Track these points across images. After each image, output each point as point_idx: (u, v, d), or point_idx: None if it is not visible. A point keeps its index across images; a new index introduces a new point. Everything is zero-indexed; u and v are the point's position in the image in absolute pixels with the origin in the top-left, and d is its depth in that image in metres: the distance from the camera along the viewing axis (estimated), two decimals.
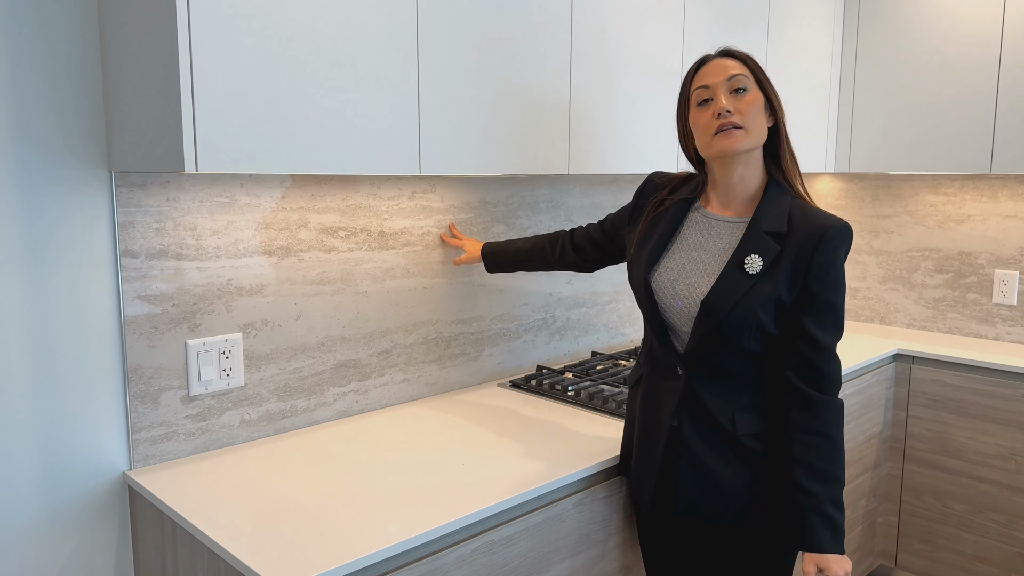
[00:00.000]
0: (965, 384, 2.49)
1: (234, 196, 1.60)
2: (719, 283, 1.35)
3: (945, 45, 2.57)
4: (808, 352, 1.32)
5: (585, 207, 2.34)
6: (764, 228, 1.35)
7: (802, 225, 1.33)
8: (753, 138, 1.36)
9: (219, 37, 1.22)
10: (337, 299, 1.78)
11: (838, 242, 1.32)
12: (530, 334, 2.23)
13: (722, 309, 1.34)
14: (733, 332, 1.33)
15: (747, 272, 1.33)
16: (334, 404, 1.81)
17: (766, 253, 1.33)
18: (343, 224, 1.78)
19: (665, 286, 1.43)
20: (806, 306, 1.32)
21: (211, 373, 1.59)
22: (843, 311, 1.34)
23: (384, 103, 1.45)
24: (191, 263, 1.55)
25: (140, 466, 1.53)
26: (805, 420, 1.32)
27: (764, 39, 2.40)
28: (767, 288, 1.32)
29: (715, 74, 1.38)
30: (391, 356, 1.90)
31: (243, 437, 1.67)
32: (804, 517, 1.31)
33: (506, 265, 1.88)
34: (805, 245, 1.31)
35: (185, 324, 1.56)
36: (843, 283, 1.34)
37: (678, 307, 1.40)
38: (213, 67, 1.22)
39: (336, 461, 1.56)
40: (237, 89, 1.25)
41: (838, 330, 1.34)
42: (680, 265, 1.43)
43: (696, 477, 1.41)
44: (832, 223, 1.32)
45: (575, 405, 1.92)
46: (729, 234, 1.40)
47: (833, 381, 1.33)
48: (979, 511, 2.49)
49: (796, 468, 1.32)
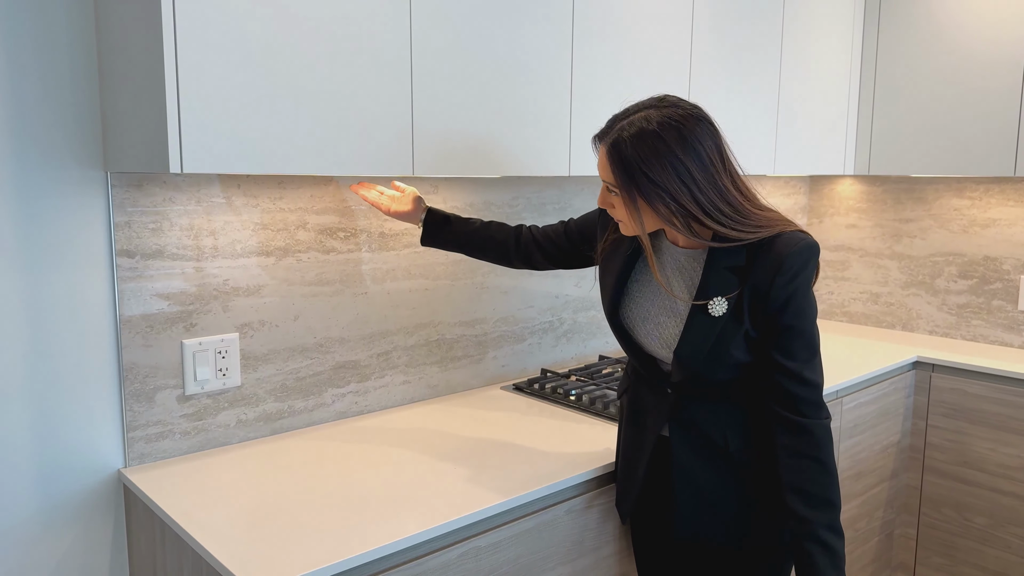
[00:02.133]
0: (987, 394, 2.41)
1: (231, 197, 1.60)
2: (687, 332, 1.30)
3: (969, 43, 2.49)
4: (782, 380, 1.26)
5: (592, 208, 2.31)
6: (723, 263, 1.27)
7: (762, 256, 1.23)
8: (638, 231, 1.26)
9: (205, 36, 1.22)
10: (336, 300, 1.78)
11: (799, 267, 1.22)
12: (535, 337, 2.21)
13: (695, 358, 1.29)
14: (710, 372, 1.30)
15: (712, 315, 1.27)
16: (332, 405, 1.80)
17: (728, 291, 1.26)
18: (342, 225, 1.77)
19: (635, 324, 1.39)
20: (772, 337, 1.26)
21: (207, 373, 1.60)
22: (814, 332, 1.26)
23: (375, 103, 1.44)
24: (187, 263, 1.56)
25: (135, 464, 1.54)
26: (792, 444, 1.26)
27: (779, 36, 2.35)
28: (735, 326, 1.26)
29: (600, 169, 1.28)
30: (391, 358, 1.89)
31: (239, 437, 1.67)
32: (801, 545, 1.25)
33: (449, 243, 1.66)
34: (762, 278, 1.23)
35: (181, 324, 1.57)
36: (810, 307, 1.25)
37: (652, 345, 1.37)
38: (199, 66, 1.22)
39: (331, 462, 1.55)
40: (224, 89, 1.25)
41: (811, 353, 1.26)
42: (649, 301, 1.37)
43: (692, 497, 1.37)
44: (789, 250, 1.21)
45: (576, 410, 1.89)
46: (691, 268, 1.33)
47: (813, 405, 1.26)
48: (1000, 525, 2.42)
49: (788, 494, 1.26)
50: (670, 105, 1.23)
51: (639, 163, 1.19)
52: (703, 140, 1.21)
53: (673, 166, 1.19)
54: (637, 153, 1.19)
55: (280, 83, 1.31)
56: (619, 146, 1.21)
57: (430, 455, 1.59)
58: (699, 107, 1.24)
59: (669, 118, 1.20)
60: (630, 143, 1.20)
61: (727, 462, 1.34)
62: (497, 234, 1.64)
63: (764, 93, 2.33)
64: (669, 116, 1.20)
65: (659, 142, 1.19)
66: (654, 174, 1.19)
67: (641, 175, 1.20)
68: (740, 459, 1.34)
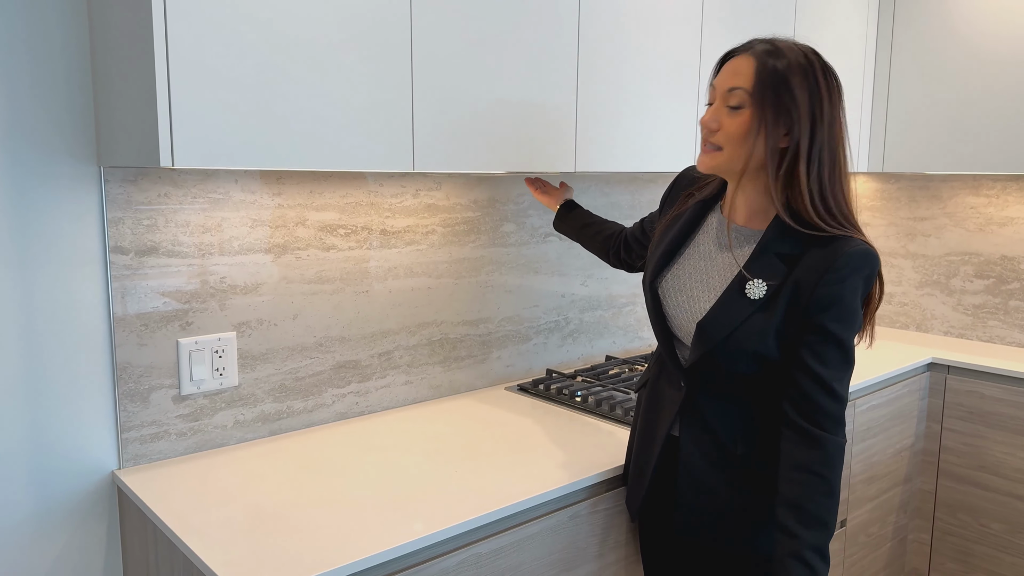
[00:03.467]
0: (1004, 396, 2.35)
1: (228, 192, 1.56)
2: (718, 306, 1.24)
3: (987, 38, 2.43)
4: (807, 386, 1.18)
5: (602, 207, 2.26)
6: (774, 248, 1.21)
7: (817, 249, 1.18)
8: (730, 162, 1.21)
9: (197, 25, 1.18)
10: (336, 299, 1.74)
11: (849, 270, 1.15)
12: (541, 337, 2.17)
13: (717, 335, 1.23)
14: (729, 359, 1.24)
15: (748, 297, 1.21)
16: (333, 406, 1.77)
17: (772, 277, 1.19)
18: (343, 222, 1.74)
19: (670, 295, 1.34)
20: (807, 336, 1.18)
21: (203, 372, 1.56)
22: (852, 345, 1.19)
23: (374, 96, 1.40)
24: (183, 260, 1.52)
25: (129, 465, 1.50)
26: (798, 456, 1.18)
27: (791, 33, 2.29)
28: (767, 316, 1.19)
29: (723, 77, 1.22)
30: (393, 357, 1.86)
31: (237, 438, 1.63)
32: (783, 559, 1.17)
33: (570, 231, 1.81)
34: (812, 271, 1.16)
35: (177, 322, 1.53)
36: (854, 318, 1.18)
37: (679, 319, 1.32)
38: (191, 56, 1.18)
39: (329, 465, 1.51)
40: (217, 81, 1.21)
41: (845, 366, 1.18)
42: (687, 274, 1.33)
43: (696, 497, 1.33)
44: (848, 249, 1.15)
45: (583, 411, 1.85)
46: (740, 246, 1.27)
47: (833, 419, 1.18)
48: (1018, 531, 2.36)
49: (781, 506, 1.19)
50: (817, 52, 1.22)
51: (787, 77, 1.16)
52: (838, 87, 1.21)
53: (812, 100, 1.17)
54: (789, 69, 1.17)
55: (276, 74, 1.27)
56: (774, 55, 1.18)
57: (431, 458, 1.55)
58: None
59: (824, 62, 1.20)
60: (786, 57, 1.17)
61: (735, 465, 1.30)
62: (603, 232, 1.74)
63: None
64: (824, 62, 1.20)
65: (810, 68, 1.18)
66: (796, 95, 1.16)
67: (785, 90, 1.16)
68: (748, 463, 1.29)
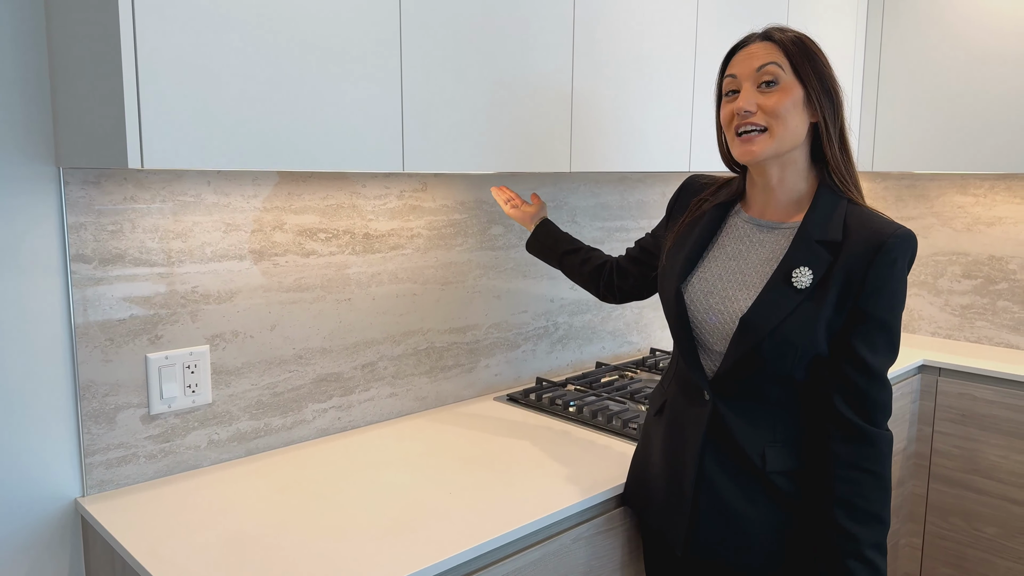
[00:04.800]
0: (996, 399, 2.32)
1: (200, 195, 1.45)
2: (762, 298, 1.18)
3: (976, 36, 2.40)
4: (857, 377, 1.15)
5: (591, 207, 2.18)
6: (815, 236, 1.17)
7: (859, 233, 1.15)
8: (779, 142, 1.18)
9: (168, 16, 1.07)
10: (317, 307, 1.63)
11: (899, 252, 1.14)
12: (530, 343, 2.08)
13: (764, 328, 1.16)
14: (775, 355, 1.17)
15: (795, 287, 1.16)
16: (313, 422, 1.66)
17: (817, 265, 1.16)
18: (323, 226, 1.63)
19: (698, 299, 1.26)
20: (858, 325, 1.15)
21: (175, 389, 1.45)
22: (899, 332, 1.18)
23: (361, 92, 1.29)
24: (152, 269, 1.40)
25: (94, 492, 1.38)
26: (850, 453, 1.15)
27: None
28: (817, 305, 1.15)
29: (744, 63, 1.20)
30: (377, 369, 1.75)
31: (211, 459, 1.52)
32: (842, 562, 1.15)
33: (553, 253, 1.65)
34: (861, 257, 1.14)
35: (145, 336, 1.41)
36: (901, 300, 1.16)
37: (712, 323, 1.24)
38: (161, 50, 1.07)
39: (310, 486, 1.41)
40: (189, 75, 1.10)
41: (892, 353, 1.17)
42: (716, 276, 1.26)
43: (717, 518, 1.25)
44: (892, 231, 1.14)
45: (577, 423, 1.76)
46: (774, 242, 1.23)
47: (883, 411, 1.16)
48: (1012, 535, 2.32)
49: (836, 507, 1.15)
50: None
51: (811, 48, 1.19)
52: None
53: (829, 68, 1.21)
54: (819, 51, 1.20)
55: (253, 68, 1.16)
56: (805, 39, 1.20)
57: (420, 478, 1.45)
58: None
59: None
60: (796, 32, 1.21)
61: (762, 483, 1.22)
62: (591, 261, 1.61)
63: None
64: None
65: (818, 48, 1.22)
66: (821, 64, 1.20)
67: (816, 59, 1.19)
68: (777, 482, 1.21)
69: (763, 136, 1.18)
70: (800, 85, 1.18)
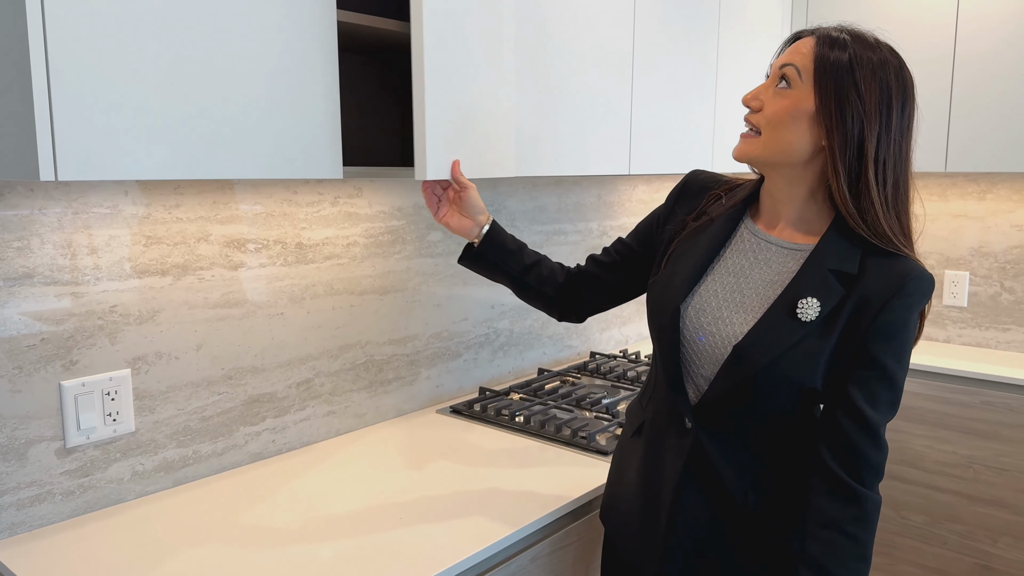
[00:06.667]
0: (922, 391, 2.39)
1: (117, 206, 1.33)
2: (761, 326, 1.06)
3: (897, 39, 2.47)
4: (850, 430, 1.02)
5: (529, 211, 2.14)
6: (829, 264, 1.04)
7: (877, 268, 1.03)
8: (767, 151, 1.07)
9: (80, 18, 0.96)
10: (247, 323, 1.53)
11: (918, 297, 1.02)
12: (471, 352, 2.02)
13: (759, 360, 1.04)
14: (769, 390, 1.05)
15: (799, 319, 1.03)
16: (246, 446, 1.55)
17: (827, 297, 1.03)
18: (253, 236, 1.52)
19: (689, 317, 1.13)
20: (859, 370, 1.03)
21: (93, 419, 1.32)
22: (902, 387, 1.05)
23: (294, 94, 1.20)
24: (65, 288, 1.28)
25: (4, 537, 1.25)
26: (829, 511, 1.02)
27: (715, 47, 2.24)
28: (822, 341, 1.03)
29: (785, 55, 1.08)
30: (313, 386, 1.66)
31: (136, 492, 1.40)
32: None
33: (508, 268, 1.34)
34: (877, 295, 1.01)
35: (58, 362, 1.28)
36: (909, 350, 1.04)
37: (701, 344, 1.11)
38: (74, 52, 0.95)
39: (245, 518, 1.31)
40: (106, 78, 0.99)
41: (892, 409, 1.04)
42: (713, 293, 1.13)
43: (693, 556, 1.14)
44: (913, 272, 1.02)
45: (525, 434, 1.71)
46: (780, 263, 1.10)
47: (875, 471, 1.03)
48: (938, 522, 2.41)
49: (803, 568, 1.02)
50: (897, 53, 1.07)
51: (853, 62, 1.02)
52: (911, 98, 1.05)
53: (882, 92, 1.02)
54: (855, 54, 1.02)
55: (175, 70, 1.06)
56: (837, 42, 1.04)
57: (360, 503, 1.37)
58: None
59: (895, 54, 1.06)
60: (851, 44, 1.03)
61: (740, 518, 1.11)
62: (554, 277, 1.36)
63: (701, 96, 2.21)
64: (896, 53, 1.06)
65: (880, 63, 1.03)
66: (862, 84, 1.02)
67: (848, 75, 1.02)
68: (755, 517, 1.11)
69: (754, 139, 1.09)
70: (815, 98, 1.04)
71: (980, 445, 2.32)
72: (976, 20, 2.31)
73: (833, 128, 1.02)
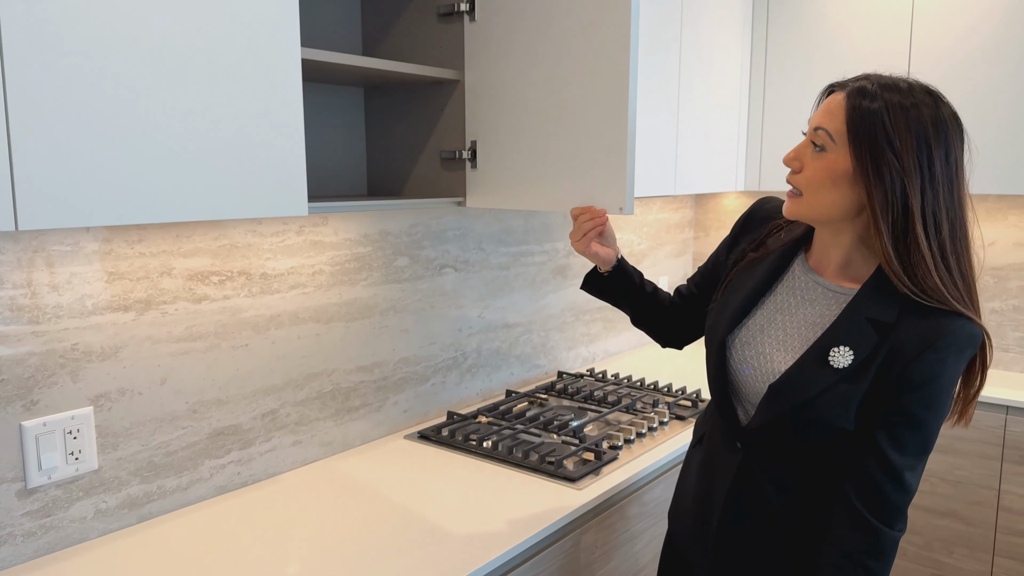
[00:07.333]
0: None
1: (79, 243, 1.32)
2: (795, 369, 1.09)
3: (853, 60, 2.52)
4: (875, 471, 1.04)
5: (496, 233, 2.15)
6: (866, 312, 1.05)
7: (914, 319, 1.03)
8: (811, 210, 1.09)
9: (37, 68, 0.95)
10: (211, 356, 1.52)
11: (952, 352, 1.01)
12: (439, 375, 2.02)
13: (792, 401, 1.08)
14: (802, 428, 1.09)
15: (832, 366, 1.06)
16: (211, 479, 1.54)
17: (861, 345, 1.05)
18: (216, 268, 1.52)
19: (737, 348, 1.19)
20: (887, 416, 1.04)
21: (55, 459, 1.31)
22: (935, 433, 1.05)
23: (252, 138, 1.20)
24: (25, 328, 1.26)
25: None
26: (848, 542, 1.06)
27: (676, 69, 2.27)
28: (855, 386, 1.05)
29: (816, 114, 1.09)
30: (278, 416, 1.65)
31: (99, 530, 1.38)
32: None
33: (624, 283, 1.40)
34: (909, 346, 1.02)
35: (19, 402, 1.27)
36: (944, 405, 1.04)
37: (746, 375, 1.16)
38: (33, 102, 0.95)
39: (209, 553, 1.30)
40: (65, 127, 0.98)
41: (922, 454, 1.05)
42: (759, 327, 1.18)
43: (741, 560, 1.19)
44: (951, 327, 1.01)
45: (493, 460, 1.72)
46: (825, 305, 1.13)
47: (896, 512, 1.05)
48: None
49: None
50: (932, 93, 1.04)
51: (885, 119, 1.00)
52: (955, 139, 1.02)
53: (919, 144, 1.00)
54: (887, 107, 1.00)
55: (133, 115, 1.05)
56: (867, 94, 1.02)
57: (333, 539, 1.37)
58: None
59: (931, 94, 1.03)
60: (881, 95, 1.01)
61: (783, 537, 1.16)
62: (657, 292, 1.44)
63: (664, 117, 2.25)
64: (931, 93, 1.03)
65: (915, 111, 1.00)
66: (896, 140, 0.99)
67: (881, 133, 1.00)
68: (799, 537, 1.15)
69: (798, 199, 1.10)
70: (852, 159, 1.03)
71: (937, 459, 2.38)
72: (927, 50, 2.37)
73: (872, 188, 1.01)
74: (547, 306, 2.38)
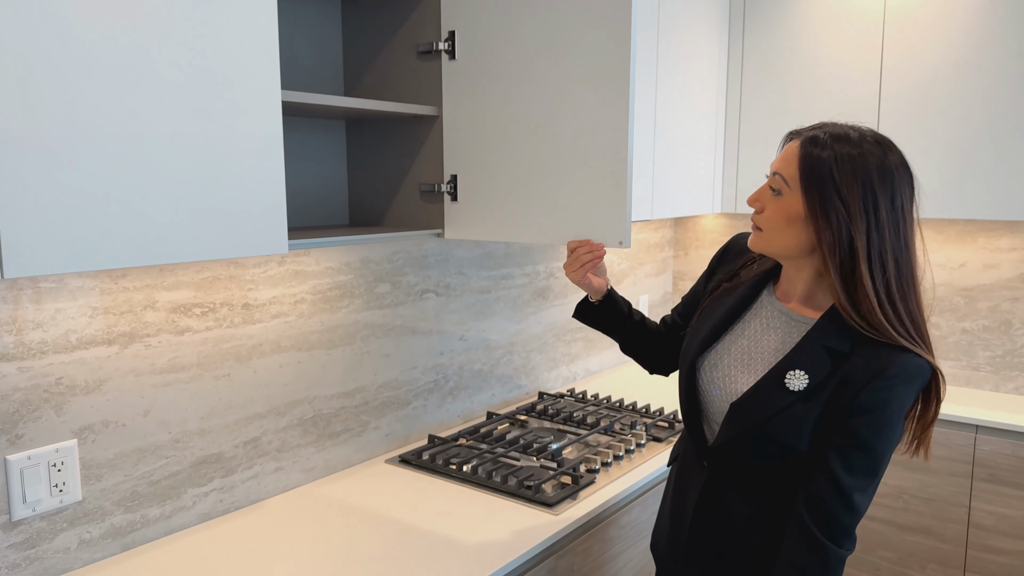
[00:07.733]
0: None
1: (62, 279, 1.34)
2: (754, 390, 1.18)
3: (826, 86, 2.58)
4: (826, 492, 1.11)
5: (476, 257, 2.19)
6: (823, 341, 1.13)
7: (867, 350, 1.10)
8: (770, 246, 1.18)
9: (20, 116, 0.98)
10: (193, 387, 1.55)
11: (901, 380, 1.08)
12: (420, 399, 2.06)
13: (749, 420, 1.17)
14: (759, 446, 1.17)
15: (787, 387, 1.14)
16: (194, 507, 1.57)
17: (816, 371, 1.12)
18: (199, 300, 1.55)
19: (706, 370, 1.28)
20: (838, 439, 1.11)
21: (39, 492, 1.33)
22: (885, 457, 1.11)
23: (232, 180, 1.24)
24: (9, 364, 1.29)
25: None
26: (795, 555, 1.13)
27: (653, 97, 2.32)
28: (807, 409, 1.13)
29: (776, 161, 1.18)
30: (260, 444, 1.68)
31: (83, 560, 1.41)
32: None
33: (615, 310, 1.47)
34: (860, 373, 1.09)
35: (3, 437, 1.29)
36: (893, 432, 1.10)
37: (714, 395, 1.25)
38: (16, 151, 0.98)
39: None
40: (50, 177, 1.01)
41: (871, 477, 1.10)
42: (726, 350, 1.27)
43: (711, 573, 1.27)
44: (899, 358, 1.08)
45: (472, 485, 1.76)
46: (787, 331, 1.21)
47: (844, 530, 1.11)
48: (870, 550, 2.51)
49: None
50: (881, 142, 1.12)
51: (833, 167, 1.09)
52: (902, 186, 1.10)
53: (865, 191, 1.08)
54: (835, 156, 1.09)
55: (115, 160, 1.09)
56: (818, 143, 1.11)
57: (308, 559, 1.40)
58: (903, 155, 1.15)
59: (879, 144, 1.11)
60: (831, 145, 1.11)
61: (745, 553, 1.24)
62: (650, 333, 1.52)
63: (640, 142, 2.29)
64: (880, 143, 1.12)
65: (861, 160, 1.09)
66: (843, 187, 1.08)
67: (829, 180, 1.09)
68: (760, 553, 1.22)
69: (760, 235, 1.20)
70: (804, 203, 1.12)
71: (909, 477, 2.43)
72: (898, 78, 2.43)
73: (821, 230, 1.10)
74: (528, 327, 2.42)
